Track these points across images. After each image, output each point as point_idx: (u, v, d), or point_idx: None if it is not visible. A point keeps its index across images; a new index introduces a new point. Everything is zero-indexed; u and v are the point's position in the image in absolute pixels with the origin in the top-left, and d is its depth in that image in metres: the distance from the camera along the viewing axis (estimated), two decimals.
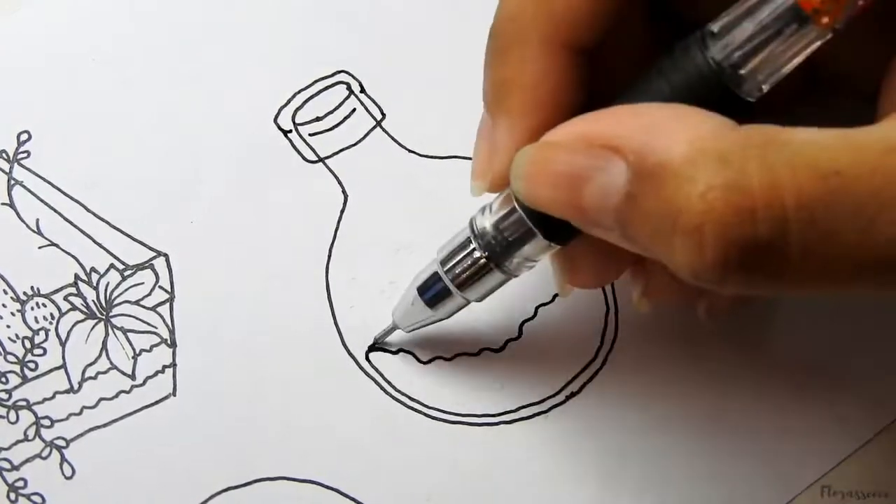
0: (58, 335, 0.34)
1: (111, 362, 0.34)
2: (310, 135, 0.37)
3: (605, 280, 0.31)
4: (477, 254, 0.29)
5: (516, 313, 0.35)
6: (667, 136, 0.21)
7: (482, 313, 0.34)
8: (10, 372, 0.34)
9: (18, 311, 0.35)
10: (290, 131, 0.37)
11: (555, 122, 0.25)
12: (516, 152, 0.26)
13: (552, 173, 0.24)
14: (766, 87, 0.23)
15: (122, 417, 0.34)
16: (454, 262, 0.29)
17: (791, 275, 0.21)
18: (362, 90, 0.38)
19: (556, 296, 0.35)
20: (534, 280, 0.35)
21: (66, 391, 0.34)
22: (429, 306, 0.31)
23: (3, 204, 0.36)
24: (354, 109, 0.37)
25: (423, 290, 0.31)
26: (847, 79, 0.28)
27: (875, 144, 0.20)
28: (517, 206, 0.27)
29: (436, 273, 0.30)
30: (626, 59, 0.28)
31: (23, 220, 0.36)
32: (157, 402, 0.34)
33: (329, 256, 0.35)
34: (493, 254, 0.28)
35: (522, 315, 0.35)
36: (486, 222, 0.28)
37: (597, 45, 0.27)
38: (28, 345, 0.34)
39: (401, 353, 0.34)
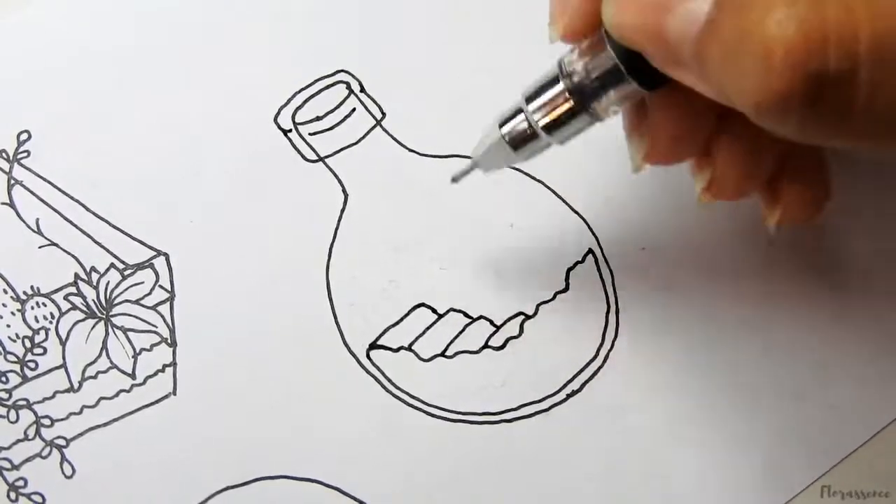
0: (58, 334, 0.34)
1: (111, 361, 0.34)
2: (310, 134, 0.37)
3: (678, 156, 0.29)
4: (563, 92, 0.27)
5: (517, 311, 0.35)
6: None
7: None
8: (10, 371, 0.34)
9: (18, 310, 0.35)
10: (290, 131, 0.37)
11: None
12: None
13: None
14: None
15: (122, 416, 0.34)
16: (539, 99, 0.28)
17: (854, 117, 0.20)
18: (362, 89, 0.38)
19: (556, 294, 0.35)
20: (535, 278, 0.35)
21: (67, 390, 0.34)
22: (511, 146, 0.29)
23: (3, 203, 0.36)
24: (354, 109, 0.37)
25: (504, 127, 0.29)
26: None
27: None
28: (607, 43, 0.26)
29: (519, 110, 0.29)
30: None
31: (23, 220, 0.36)
32: (157, 402, 0.34)
33: (329, 255, 0.35)
34: (581, 93, 0.27)
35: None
36: (576, 62, 0.27)
37: None
38: (28, 344, 0.34)
39: (401, 351, 0.34)
